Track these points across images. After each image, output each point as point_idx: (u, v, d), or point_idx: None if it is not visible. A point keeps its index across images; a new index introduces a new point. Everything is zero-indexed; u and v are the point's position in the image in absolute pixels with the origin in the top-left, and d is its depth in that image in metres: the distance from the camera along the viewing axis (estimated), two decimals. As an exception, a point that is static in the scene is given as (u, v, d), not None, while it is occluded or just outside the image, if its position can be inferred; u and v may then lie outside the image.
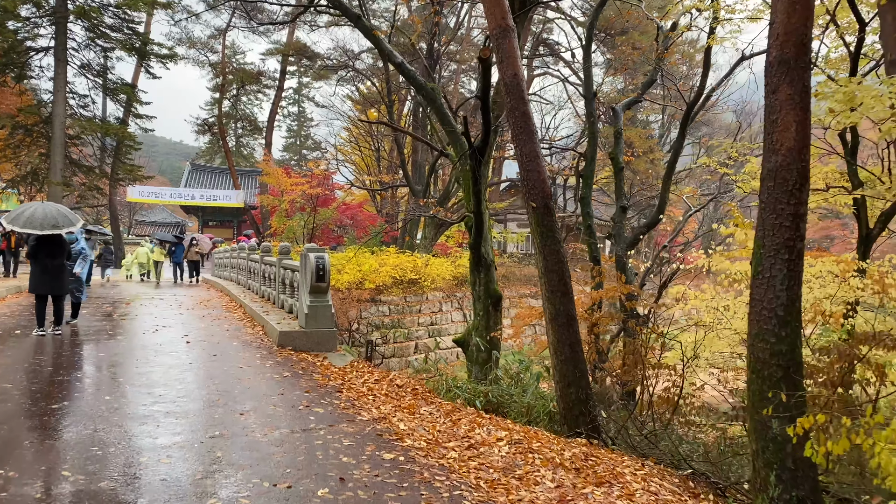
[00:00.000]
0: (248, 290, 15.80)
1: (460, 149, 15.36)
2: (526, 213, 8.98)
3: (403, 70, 15.32)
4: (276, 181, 29.17)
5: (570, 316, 8.59)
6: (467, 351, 14.73)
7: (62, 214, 8.74)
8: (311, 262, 8.72)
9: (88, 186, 30.37)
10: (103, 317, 11.19)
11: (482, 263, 14.37)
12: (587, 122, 15.63)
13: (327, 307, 8.89)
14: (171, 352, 7.95)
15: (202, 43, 33.69)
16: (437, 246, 30.41)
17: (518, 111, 9.21)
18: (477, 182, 12.85)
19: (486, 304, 14.48)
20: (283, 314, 10.53)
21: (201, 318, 11.38)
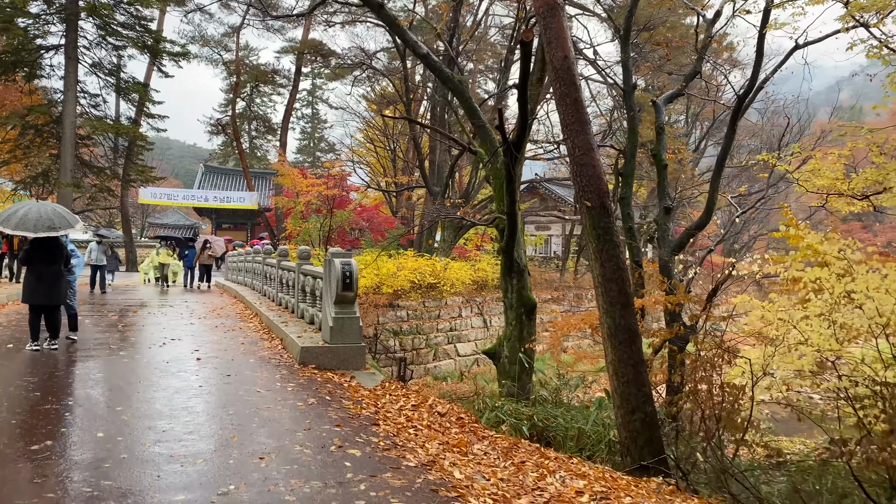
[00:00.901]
0: (264, 296, 14.85)
1: (490, 145, 14.36)
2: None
3: (429, 62, 14.34)
4: (291, 182, 28.28)
5: (631, 331, 7.52)
6: (499, 363, 13.70)
7: (59, 215, 7.80)
8: (337, 269, 7.73)
9: (99, 188, 29.64)
10: (107, 327, 10.25)
11: (515, 269, 13.34)
12: (627, 116, 14.58)
13: (354, 319, 7.88)
14: (179, 371, 6.96)
15: (216, 41, 32.95)
16: (455, 249, 29.42)
17: (569, 98, 8.17)
18: (512, 180, 11.80)
19: (518, 313, 13.46)
20: (304, 325, 9.54)
21: (213, 328, 10.42)
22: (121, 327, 10.25)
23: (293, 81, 33.79)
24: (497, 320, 25.63)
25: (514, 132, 11.57)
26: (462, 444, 5.23)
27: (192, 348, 8.42)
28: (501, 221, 13.63)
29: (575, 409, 9.44)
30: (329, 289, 8.08)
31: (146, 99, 30.46)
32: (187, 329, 10.23)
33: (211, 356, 7.92)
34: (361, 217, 31.63)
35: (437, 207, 26.93)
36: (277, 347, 8.63)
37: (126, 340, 9.02)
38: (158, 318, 11.53)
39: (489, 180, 14.18)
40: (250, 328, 10.51)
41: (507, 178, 11.61)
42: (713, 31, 14.78)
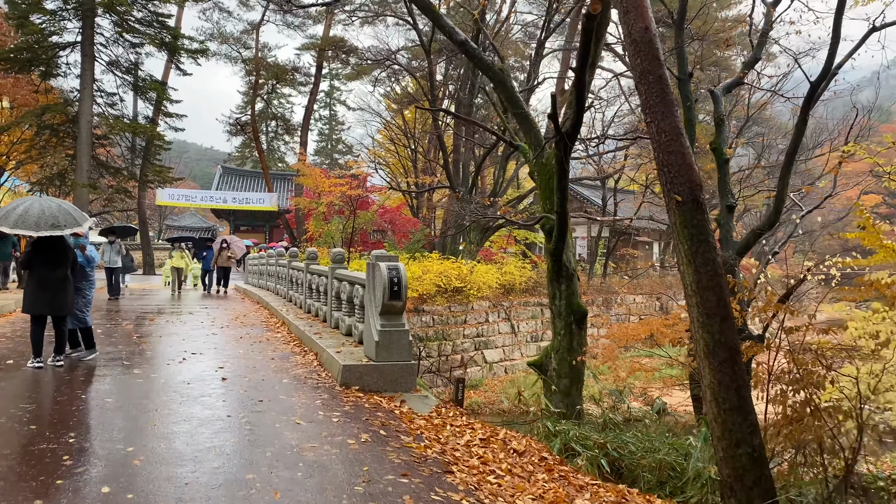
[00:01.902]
0: (290, 301, 13.84)
1: (534, 138, 13.23)
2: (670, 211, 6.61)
3: (467, 49, 13.27)
4: (312, 182, 27.29)
5: (732, 349, 6.32)
6: (546, 376, 12.56)
7: (64, 211, 6.78)
8: (383, 275, 6.64)
9: (116, 189, 28.85)
10: (121, 338, 9.25)
11: (564, 273, 12.19)
12: (683, 107, 13.40)
13: (403, 333, 6.79)
14: (201, 396, 5.90)
15: (234, 38, 32.10)
16: (479, 252, 28.31)
17: (652, 75, 6.99)
18: (564, 175, 10.62)
19: (568, 322, 12.29)
20: (339, 337, 8.46)
21: (238, 340, 9.37)
22: (136, 338, 9.23)
23: (314, 78, 32.86)
24: (525, 325, 24.50)
25: (567, 121, 10.42)
26: (560, 500, 4.10)
27: (215, 364, 7.37)
28: (548, 221, 12.51)
29: (649, 434, 8.29)
30: (373, 297, 7.00)
31: (164, 97, 29.66)
32: (209, 340, 9.20)
33: (238, 375, 6.86)
34: (384, 218, 30.63)
35: (467, 208, 25.88)
36: (313, 364, 7.55)
37: (141, 355, 7.99)
38: (177, 328, 10.53)
39: (533, 177, 13.04)
40: (279, 339, 9.46)
41: (559, 172, 10.45)
42: (774, 16, 13.57)
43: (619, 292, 31.62)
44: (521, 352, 23.98)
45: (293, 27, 31.73)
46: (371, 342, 6.83)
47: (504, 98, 13.28)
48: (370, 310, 7.01)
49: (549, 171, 12.56)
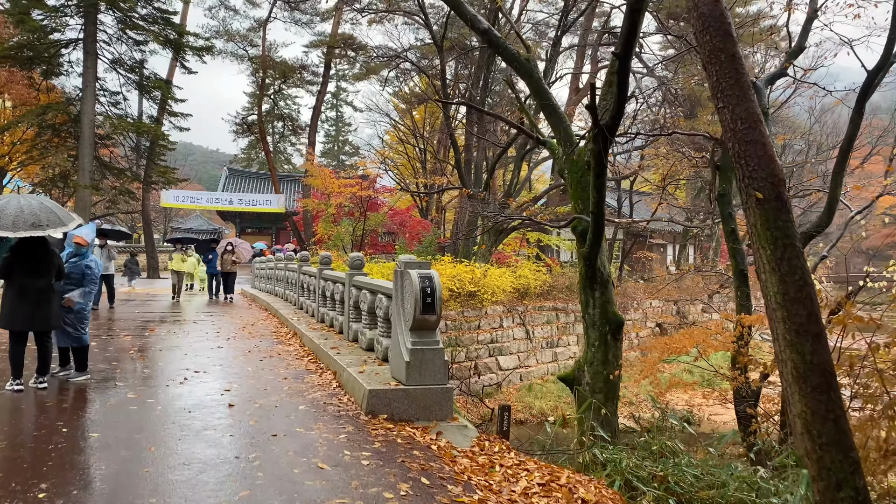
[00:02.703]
0: (301, 309, 12.95)
1: (564, 133, 12.29)
2: None
3: (490, 38, 12.36)
4: (321, 183, 26.42)
5: (827, 372, 5.32)
6: (577, 392, 11.62)
7: (47, 209, 5.90)
8: (414, 284, 5.72)
9: (119, 190, 28.04)
10: (117, 353, 8.36)
11: (598, 279, 11.24)
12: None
13: (437, 352, 5.87)
14: (204, 429, 4.99)
15: (241, 36, 31.29)
16: (492, 254, 27.37)
17: (724, 53, 6.04)
18: (602, 172, 9.66)
19: (602, 332, 11.33)
20: (359, 353, 7.55)
21: (246, 354, 8.47)
22: (133, 353, 8.33)
23: (322, 77, 32.02)
24: (540, 331, 23.57)
25: (606, 113, 9.48)
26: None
27: (221, 386, 6.47)
28: (581, 223, 11.57)
29: (708, 461, 7.34)
30: (401, 310, 6.08)
31: (169, 96, 28.86)
32: (214, 355, 8.29)
33: (247, 399, 5.95)
34: (394, 221, 29.75)
35: (483, 207, 25.01)
36: (331, 385, 6.63)
37: (137, 373, 7.09)
38: (179, 339, 9.63)
39: (563, 174, 12.10)
40: (291, 354, 8.55)
41: (596, 169, 9.48)
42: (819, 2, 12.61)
43: (636, 297, 30.62)
44: (536, 358, 23.07)
45: (301, 24, 30.95)
46: (400, 362, 5.91)
47: (531, 90, 12.37)
48: (398, 324, 6.09)
49: (582, 168, 11.64)
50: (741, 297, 11.54)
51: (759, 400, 11.40)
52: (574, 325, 25.02)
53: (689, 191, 38.72)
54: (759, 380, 11.49)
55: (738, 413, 11.58)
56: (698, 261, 41.59)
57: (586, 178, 11.75)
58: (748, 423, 11.25)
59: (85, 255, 6.61)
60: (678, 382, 11.39)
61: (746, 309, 11.54)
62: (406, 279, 6.01)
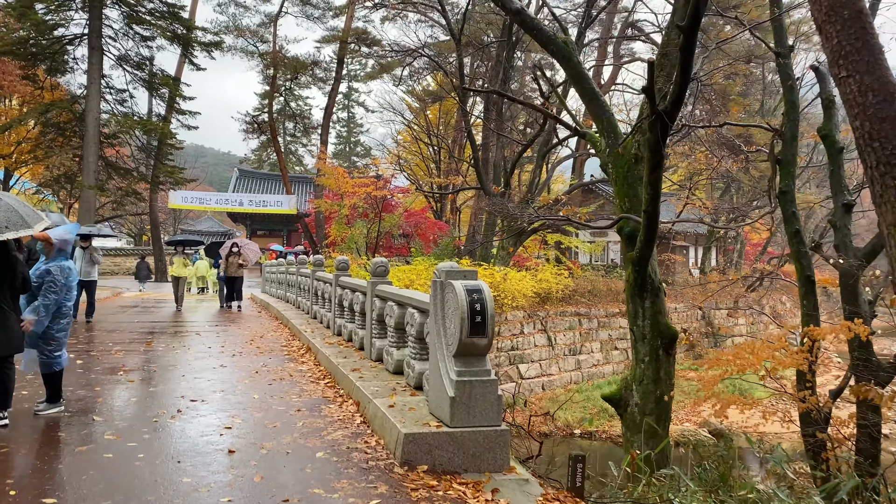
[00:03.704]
0: (315, 318, 11.82)
1: (607, 122, 11.06)
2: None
3: (523, 19, 11.17)
4: (334, 183, 25.30)
5: None
6: (625, 413, 10.38)
7: (6, 207, 4.77)
8: (460, 299, 4.54)
9: (126, 191, 27.08)
10: (103, 374, 7.23)
11: (648, 286, 10.00)
12: (784, 86, 11.19)
13: (489, 384, 4.68)
14: (196, 489, 3.82)
15: (251, 31, 30.28)
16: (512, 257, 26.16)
17: (848, 10, 4.84)
18: (658, 164, 8.40)
19: (653, 347, 10.08)
20: (386, 377, 6.37)
21: (253, 376, 7.31)
22: (122, 374, 7.19)
23: (335, 73, 30.92)
24: (562, 338, 22.41)
25: (668, 97, 8.24)
26: None
27: (221, 421, 5.31)
28: (628, 223, 10.35)
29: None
30: (442, 330, 4.90)
31: (177, 94, 27.90)
32: (216, 377, 7.14)
33: (252, 442, 4.78)
34: (408, 222, 28.60)
35: (503, 206, 23.84)
36: (354, 420, 5.45)
37: (122, 403, 5.94)
38: (178, 356, 8.50)
39: (606, 169, 10.87)
40: (304, 375, 7.38)
41: (652, 161, 8.22)
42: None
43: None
44: (558, 366, 21.89)
45: (313, 19, 29.90)
46: (441, 396, 4.72)
47: (569, 75, 11.14)
48: (438, 347, 4.90)
49: (628, 162, 10.42)
50: (808, 306, 10.27)
51: (830, 422, 10.12)
52: (597, 332, 23.85)
53: (708, 190, 37.31)
54: (829, 399, 10.22)
55: (805, 438, 10.32)
56: (722, 263, 40.21)
57: (634, 172, 10.54)
58: (817, 450, 9.97)
59: (57, 258, 5.48)
60: (736, 400, 10.15)
61: (814, 320, 10.28)
62: (448, 292, 4.83)
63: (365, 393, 5.65)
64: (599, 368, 23.54)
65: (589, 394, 20.90)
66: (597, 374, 23.14)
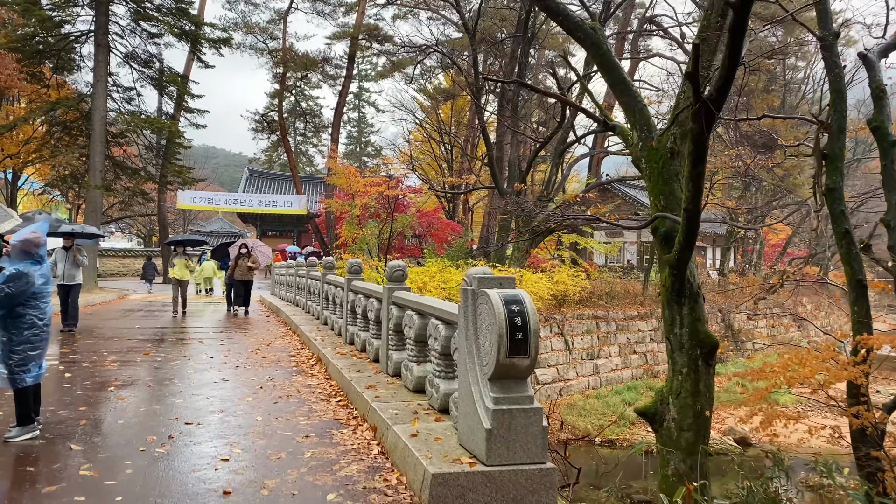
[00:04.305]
0: (324, 324, 11.12)
1: (639, 114, 10.28)
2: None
3: (548, 4, 10.51)
4: (345, 182, 24.61)
5: None
6: (661, 429, 9.59)
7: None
8: (497, 311, 3.81)
9: (133, 191, 26.53)
10: (91, 389, 6.54)
11: (686, 291, 9.22)
12: (829, 76, 10.36)
13: (532, 413, 3.94)
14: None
15: (261, 28, 29.67)
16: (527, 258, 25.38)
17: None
18: (701, 158, 7.62)
19: (692, 357, 9.29)
20: (406, 396, 5.63)
21: (257, 392, 6.59)
22: (112, 390, 6.50)
23: (346, 69, 30.25)
24: (580, 341, 21.59)
25: (714, 82, 7.44)
26: None
27: (217, 451, 4.60)
28: (664, 223, 9.57)
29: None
30: (475, 348, 4.16)
31: (185, 92, 27.34)
32: (216, 394, 6.43)
33: (252, 480, 4.05)
34: (421, 222, 27.89)
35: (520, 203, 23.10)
36: (371, 449, 4.72)
37: (107, 426, 5.24)
38: (177, 367, 7.80)
39: (638, 164, 10.09)
40: (313, 391, 6.66)
41: (695, 154, 7.44)
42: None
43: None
44: (576, 371, 21.10)
45: (323, 15, 29.27)
46: (475, 426, 3.98)
47: (598, 63, 10.38)
48: (470, 368, 4.16)
49: (663, 157, 9.64)
50: (860, 312, 9.45)
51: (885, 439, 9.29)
52: (615, 335, 23.05)
53: (725, 190, 36.32)
54: (884, 413, 9.40)
55: (857, 456, 9.50)
56: (740, 264, 39.23)
57: (670, 167, 9.75)
58: (872, 470, 9.14)
59: (18, 261, 4.79)
60: (780, 414, 9.34)
61: (866, 327, 9.45)
62: (482, 303, 4.09)
63: (383, 417, 4.91)
64: (618, 373, 22.72)
65: (608, 400, 20.10)
66: (615, 379, 22.32)
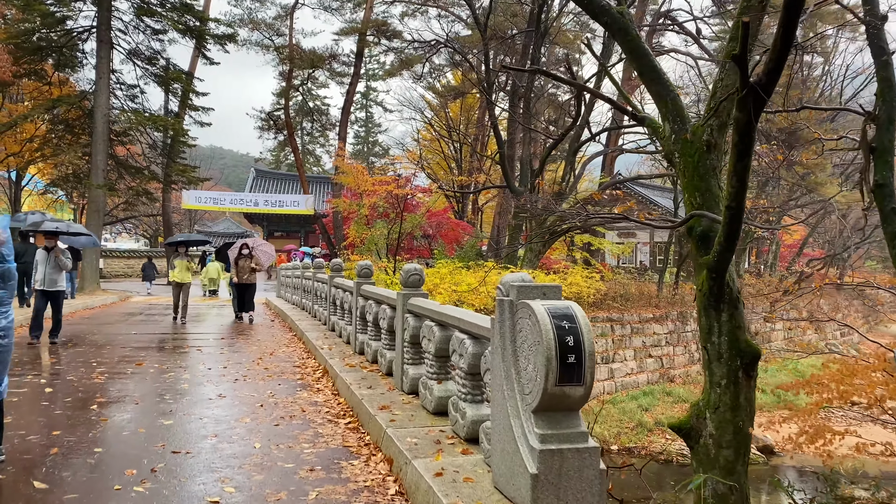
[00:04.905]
0: (332, 330, 10.43)
1: (672, 104, 9.45)
2: None
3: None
4: (353, 180, 23.93)
5: None
6: (696, 446, 8.80)
7: None
8: (543, 328, 3.09)
9: (136, 191, 25.91)
10: (70, 407, 5.85)
11: (725, 297, 8.43)
12: (876, 63, 9.62)
13: (587, 453, 3.20)
14: None
15: (267, 24, 29.04)
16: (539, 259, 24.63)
17: None
18: (747, 150, 6.77)
19: (731, 368, 8.46)
20: (426, 421, 4.91)
21: (256, 412, 5.89)
22: (94, 409, 5.81)
23: (354, 66, 29.57)
24: (595, 345, 20.73)
25: (764, 65, 6.64)
26: None
27: (205, 488, 3.89)
28: (700, 222, 8.81)
29: None
30: (513, 372, 3.44)
31: (190, 89, 26.70)
32: (210, 413, 5.74)
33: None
34: (430, 222, 27.19)
35: (531, 207, 22.35)
36: (387, 488, 4.00)
37: (82, 455, 4.54)
38: (170, 381, 7.11)
39: (670, 158, 9.32)
40: (319, 409, 5.95)
41: (740, 146, 6.61)
42: None
43: (694, 305, 27.39)
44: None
45: (331, 10, 28.60)
46: (515, 468, 3.26)
47: (626, 50, 9.59)
48: (508, 396, 3.44)
49: (699, 150, 8.86)
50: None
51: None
52: (630, 339, 22.30)
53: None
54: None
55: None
56: (756, 265, 38.37)
57: (706, 162, 8.95)
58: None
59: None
60: (828, 429, 8.58)
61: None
62: (522, 318, 3.36)
63: (400, 448, 4.20)
64: (633, 378, 22.00)
65: (624, 406, 19.36)
66: (631, 383, 21.60)
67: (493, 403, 3.68)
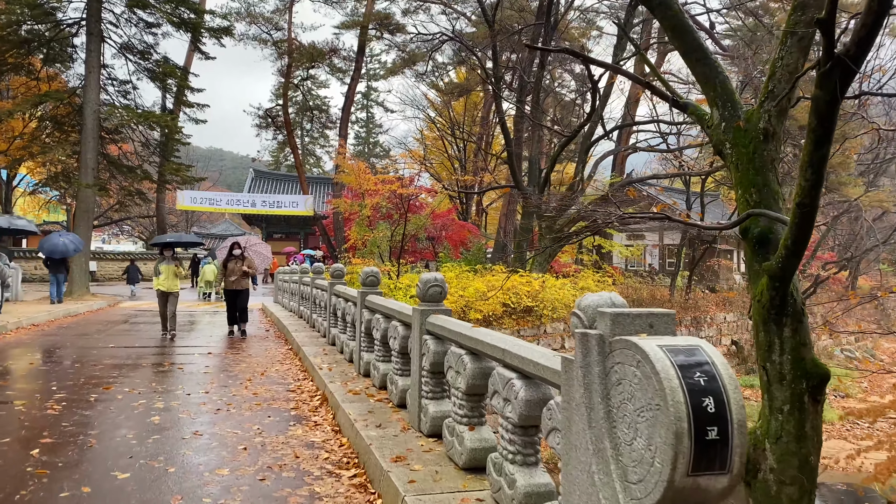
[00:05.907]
0: (332, 344, 9.28)
1: (721, 89, 8.25)
2: None
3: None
4: (355, 180, 22.79)
5: None
6: (754, 481, 7.61)
7: None
8: (670, 388, 1.94)
9: (128, 190, 24.77)
10: (9, 450, 4.70)
11: (788, 308, 7.22)
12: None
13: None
14: None
15: (265, 18, 27.93)
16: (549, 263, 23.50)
17: None
18: (826, 137, 5.51)
19: (796, 391, 7.20)
20: (456, 479, 3.74)
21: (236, 458, 4.72)
22: (34, 456, 4.64)
23: (356, 61, 28.45)
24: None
25: (854, 31, 5.43)
26: None
27: None
28: (758, 222, 7.64)
29: None
30: (607, 443, 2.29)
31: (185, 85, 25.60)
32: (178, 462, 4.57)
33: None
34: (434, 224, 26.05)
35: (543, 207, 21.22)
36: None
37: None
38: (138, 413, 5.94)
39: (720, 149, 8.16)
40: (317, 454, 4.79)
41: (819, 131, 5.38)
42: None
43: (707, 310, 26.55)
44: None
45: (331, 3, 27.47)
46: None
47: (667, 28, 8.41)
48: (600, 480, 2.29)
49: (754, 140, 7.68)
50: None
51: None
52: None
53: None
54: None
55: None
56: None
57: (763, 153, 7.77)
58: None
59: None
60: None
61: None
62: (623, 362, 2.21)
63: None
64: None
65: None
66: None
67: (568, 476, 2.51)
